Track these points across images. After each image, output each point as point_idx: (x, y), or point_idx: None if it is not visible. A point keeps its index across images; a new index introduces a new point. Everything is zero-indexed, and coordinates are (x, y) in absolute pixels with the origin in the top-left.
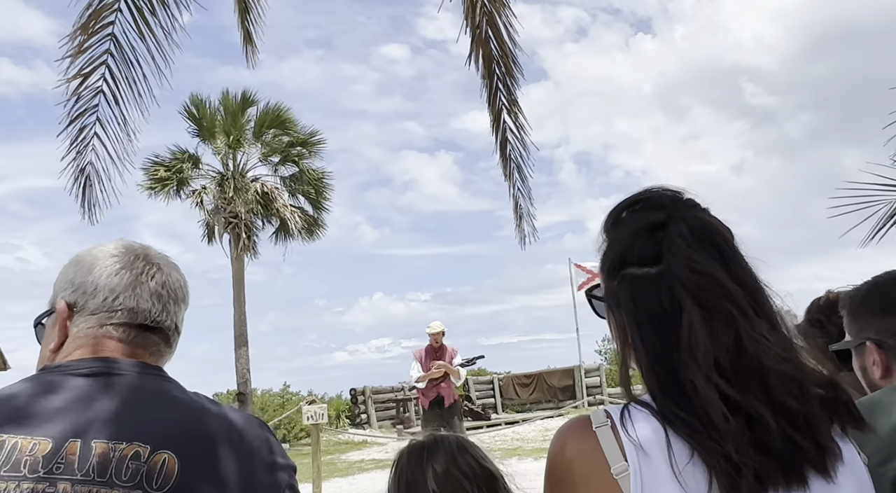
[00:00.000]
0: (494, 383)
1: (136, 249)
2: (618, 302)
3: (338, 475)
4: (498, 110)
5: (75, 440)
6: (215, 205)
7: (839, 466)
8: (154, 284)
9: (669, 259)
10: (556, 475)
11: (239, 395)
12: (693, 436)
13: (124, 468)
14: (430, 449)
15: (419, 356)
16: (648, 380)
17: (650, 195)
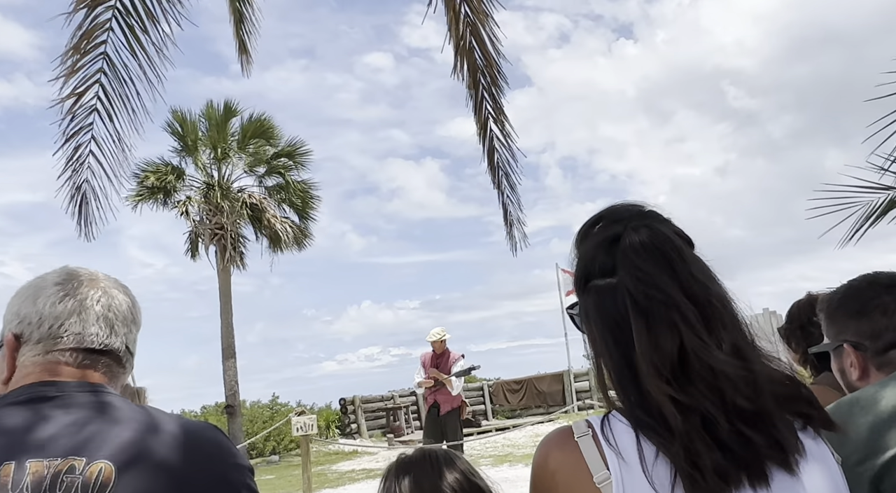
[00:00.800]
0: (484, 389)
1: (81, 274)
2: (587, 314)
3: (328, 485)
4: (484, 119)
5: (9, 462)
6: (200, 216)
7: (802, 461)
8: (100, 307)
9: (620, 270)
10: (540, 486)
11: (227, 407)
12: (657, 439)
13: (59, 482)
14: (417, 465)
15: (424, 361)
16: (616, 387)
17: (612, 210)
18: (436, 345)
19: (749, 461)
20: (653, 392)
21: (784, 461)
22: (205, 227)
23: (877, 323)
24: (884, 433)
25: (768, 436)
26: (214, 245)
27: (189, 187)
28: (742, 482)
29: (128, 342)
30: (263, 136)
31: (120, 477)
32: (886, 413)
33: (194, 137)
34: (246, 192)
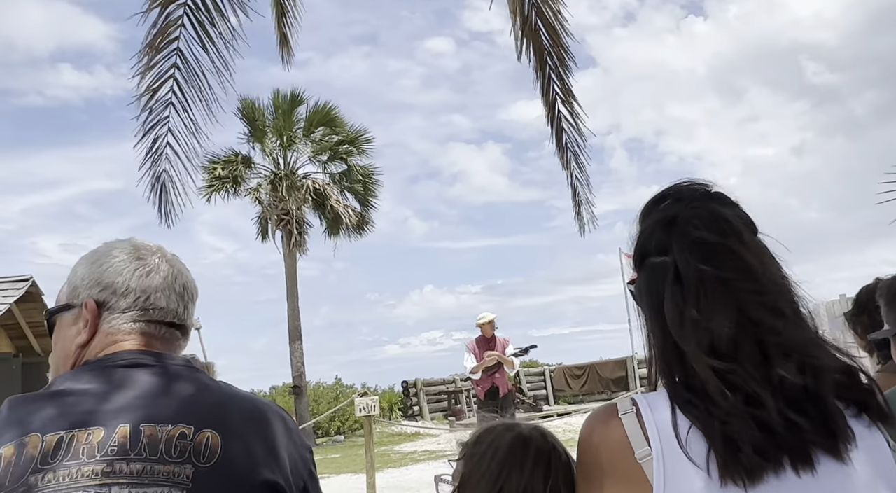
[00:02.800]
0: (546, 374)
1: (153, 249)
2: (640, 291)
3: (391, 465)
4: (552, 100)
5: (124, 425)
6: (268, 203)
7: (852, 448)
8: (178, 286)
9: (676, 247)
10: (584, 460)
11: (294, 388)
12: (695, 414)
13: (173, 447)
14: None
15: (472, 348)
16: (660, 363)
17: (677, 189)
18: (486, 328)
19: (793, 444)
20: (699, 369)
21: (833, 448)
22: (272, 212)
23: None
24: None
25: (817, 421)
26: (281, 230)
27: (258, 175)
28: (783, 464)
29: (192, 319)
30: (328, 123)
31: (225, 447)
32: None
33: (262, 125)
34: (310, 178)
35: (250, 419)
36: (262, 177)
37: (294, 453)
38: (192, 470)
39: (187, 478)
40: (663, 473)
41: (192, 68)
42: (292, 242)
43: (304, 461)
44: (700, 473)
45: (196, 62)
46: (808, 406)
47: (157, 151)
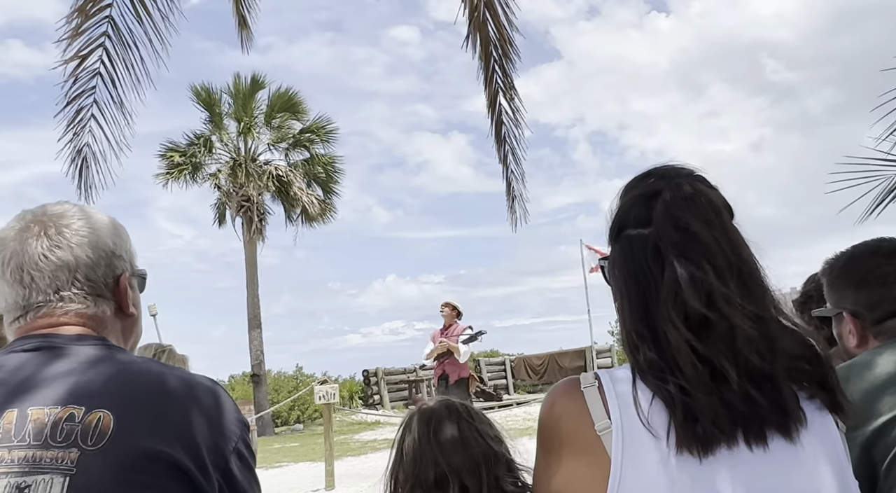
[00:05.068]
0: (506, 364)
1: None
2: (613, 263)
3: (351, 454)
4: (494, 93)
5: (12, 410)
6: (228, 189)
7: (802, 430)
8: (45, 263)
9: (657, 219)
10: (544, 431)
11: (253, 376)
12: (659, 383)
13: (59, 430)
14: (438, 415)
15: (434, 336)
16: (629, 333)
17: (663, 168)
18: (446, 314)
19: (749, 419)
20: (672, 340)
21: (784, 427)
22: (231, 199)
23: (875, 293)
24: (877, 400)
25: (772, 400)
26: (241, 217)
27: (217, 161)
28: (736, 438)
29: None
30: (290, 110)
31: (118, 427)
32: (880, 380)
33: (220, 111)
34: (272, 165)
35: (157, 399)
36: (221, 163)
37: (213, 433)
38: (77, 454)
39: (71, 462)
40: (622, 445)
41: (125, 39)
42: (252, 229)
43: (228, 441)
44: (657, 445)
45: (129, 33)
46: (765, 383)
47: (80, 123)
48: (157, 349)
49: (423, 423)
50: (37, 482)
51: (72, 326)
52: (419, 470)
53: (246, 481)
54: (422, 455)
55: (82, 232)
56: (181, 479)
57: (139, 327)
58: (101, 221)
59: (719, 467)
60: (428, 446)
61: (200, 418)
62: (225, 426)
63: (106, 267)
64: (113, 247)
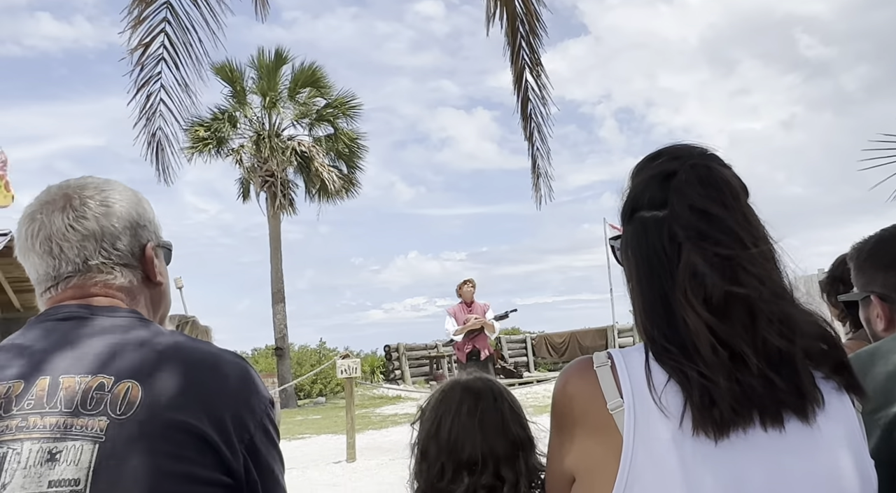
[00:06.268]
0: (527, 342)
1: (50, 200)
2: (627, 245)
3: (372, 427)
4: (520, 69)
5: (44, 377)
6: (252, 164)
7: (819, 411)
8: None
9: (674, 201)
10: (557, 410)
11: (277, 350)
12: (676, 366)
13: (89, 399)
14: (484, 395)
15: (453, 312)
16: (644, 316)
17: (674, 147)
18: (465, 290)
19: (766, 402)
20: (691, 324)
21: (801, 409)
22: (255, 174)
23: None
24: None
25: (790, 382)
26: (265, 192)
27: (241, 135)
28: (753, 420)
29: (119, 242)
30: (314, 85)
31: (146, 397)
32: None
33: (243, 87)
34: (295, 140)
35: (184, 372)
36: (245, 137)
37: (238, 407)
38: (106, 422)
39: (100, 430)
40: (633, 424)
41: (183, 23)
42: (276, 204)
43: (254, 416)
44: (670, 425)
45: (187, 16)
46: (782, 365)
47: (150, 108)
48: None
49: (468, 400)
50: (67, 448)
51: (102, 297)
52: (455, 448)
53: (270, 455)
54: (462, 433)
55: (106, 202)
56: (206, 450)
57: (168, 297)
58: (124, 193)
59: (734, 449)
60: (470, 424)
61: (227, 392)
62: (251, 401)
63: (131, 236)
64: (137, 217)
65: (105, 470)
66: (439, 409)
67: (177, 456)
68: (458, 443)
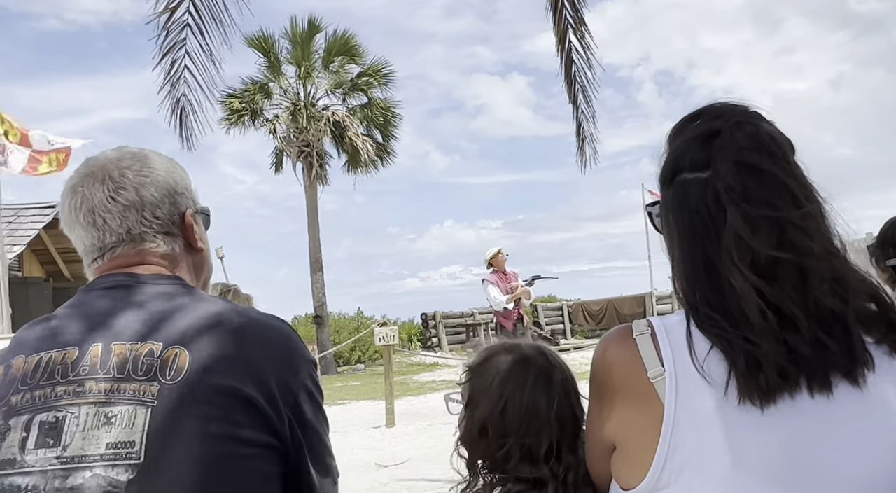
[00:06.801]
0: (564, 309)
1: (90, 173)
2: (667, 210)
3: (410, 393)
4: (563, 30)
5: (97, 344)
6: (287, 134)
7: (870, 376)
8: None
9: (718, 163)
10: (597, 379)
11: (316, 318)
12: (720, 334)
13: (139, 365)
14: (557, 371)
15: (495, 281)
16: (686, 283)
17: (714, 106)
18: (500, 260)
19: (815, 366)
20: (738, 286)
21: (851, 373)
22: (291, 144)
23: None
24: None
25: (841, 343)
26: (301, 162)
27: (277, 106)
28: (800, 386)
29: (159, 211)
30: (348, 53)
31: (193, 363)
32: None
33: (276, 57)
34: (330, 110)
35: (229, 337)
36: (281, 107)
37: (282, 370)
38: (157, 387)
39: (152, 395)
40: (675, 392)
41: None
42: (312, 174)
43: (297, 378)
44: (713, 392)
45: None
46: (835, 329)
47: (175, 74)
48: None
49: (541, 380)
50: (122, 412)
51: (147, 265)
52: (526, 431)
53: (314, 416)
54: (535, 416)
55: (143, 172)
56: (253, 413)
57: (209, 262)
58: (160, 162)
59: (781, 417)
60: (543, 408)
61: (271, 356)
62: (294, 364)
63: (170, 205)
64: (174, 184)
65: (157, 433)
66: (506, 386)
67: (224, 419)
68: (532, 427)
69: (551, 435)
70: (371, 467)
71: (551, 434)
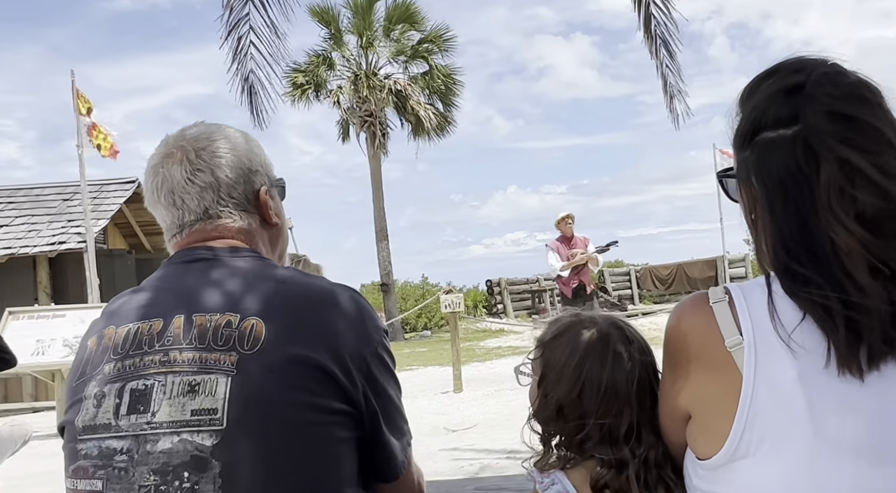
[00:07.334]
0: (631, 274)
1: (169, 152)
2: (748, 172)
3: (476, 360)
4: None
5: (179, 316)
6: (350, 104)
7: None
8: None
9: (808, 114)
10: (671, 347)
11: (383, 285)
12: (816, 300)
13: (219, 335)
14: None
15: (555, 247)
16: (777, 246)
17: (791, 61)
18: (565, 225)
19: None
20: (842, 244)
21: None
22: (354, 115)
23: None
24: None
25: None
26: (364, 132)
27: (339, 76)
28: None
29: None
30: (408, 20)
31: (269, 333)
32: None
33: (338, 28)
34: (391, 79)
35: (301, 307)
36: (343, 78)
37: (355, 338)
38: (236, 357)
39: (232, 365)
40: (755, 361)
41: None
42: (376, 143)
43: (369, 345)
44: (796, 362)
45: None
46: None
47: (241, 50)
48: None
49: (619, 358)
50: (204, 381)
51: (224, 239)
52: (605, 412)
53: (387, 382)
54: (614, 397)
55: (219, 153)
56: (327, 381)
57: (284, 235)
58: (235, 140)
59: (878, 386)
60: (623, 383)
61: (343, 324)
62: (365, 331)
63: (245, 184)
64: (249, 164)
65: (237, 401)
66: (584, 366)
67: (300, 387)
68: (606, 408)
69: (631, 416)
70: (440, 431)
71: (631, 415)
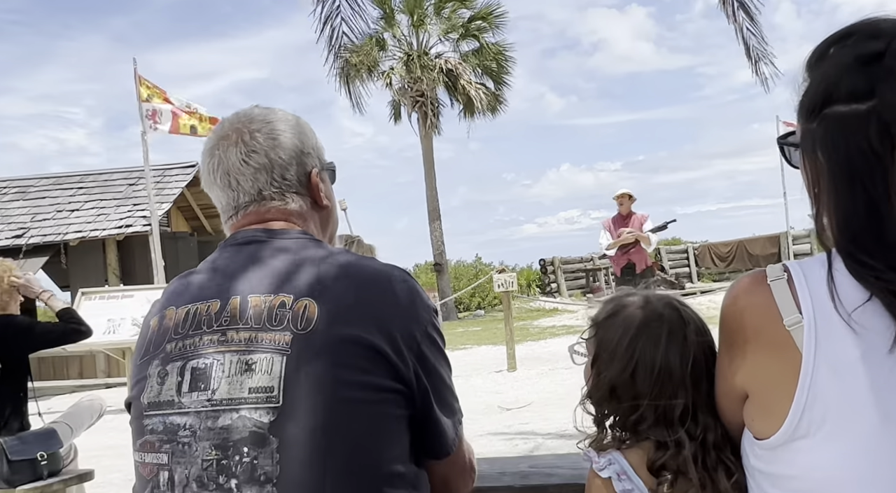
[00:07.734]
0: (689, 252)
1: (225, 134)
2: (813, 146)
3: (530, 339)
4: None
5: (235, 297)
6: (402, 85)
7: None
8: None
9: (885, 90)
10: (727, 327)
11: (436, 266)
12: (882, 284)
13: (273, 315)
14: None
15: (607, 225)
16: (840, 225)
17: (869, 22)
18: (621, 200)
19: None
20: None
21: None
22: (406, 95)
23: None
24: None
25: None
26: (416, 112)
27: (391, 57)
28: None
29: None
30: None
31: (322, 313)
32: None
33: (391, 6)
34: (443, 58)
35: (355, 288)
36: (395, 59)
37: (405, 319)
38: (290, 337)
39: (286, 344)
40: (815, 341)
41: None
42: (427, 123)
43: (420, 325)
44: (859, 342)
45: None
46: None
47: (335, 41)
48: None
49: (674, 338)
50: (261, 360)
51: (277, 221)
52: (659, 393)
53: (437, 361)
54: (668, 378)
55: (273, 135)
56: (379, 361)
57: (335, 217)
58: (288, 123)
59: None
60: (678, 363)
61: (394, 305)
62: (416, 311)
63: (297, 166)
64: (301, 146)
65: (292, 379)
66: (636, 345)
67: (352, 366)
68: (660, 389)
69: (686, 397)
70: (494, 409)
71: (686, 396)
